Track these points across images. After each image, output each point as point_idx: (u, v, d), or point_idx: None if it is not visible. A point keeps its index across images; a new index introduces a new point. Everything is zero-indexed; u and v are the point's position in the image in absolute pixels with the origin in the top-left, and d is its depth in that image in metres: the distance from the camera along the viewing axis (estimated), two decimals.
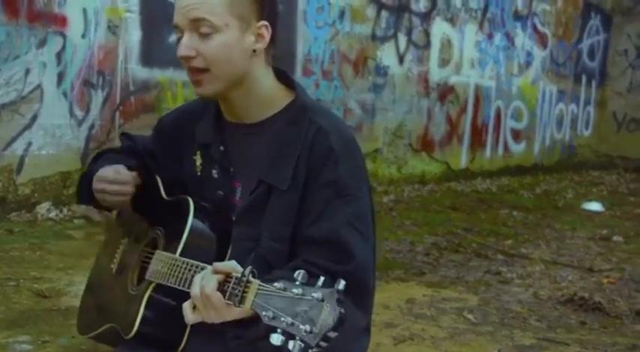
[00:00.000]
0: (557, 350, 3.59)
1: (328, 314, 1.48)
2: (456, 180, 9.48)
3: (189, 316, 1.76)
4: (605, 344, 3.71)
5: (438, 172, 9.36)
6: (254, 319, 1.61)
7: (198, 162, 2.08)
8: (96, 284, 2.46)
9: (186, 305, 1.76)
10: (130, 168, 2.13)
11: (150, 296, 2.03)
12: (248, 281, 1.61)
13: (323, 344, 1.48)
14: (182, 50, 1.89)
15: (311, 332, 1.48)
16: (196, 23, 1.88)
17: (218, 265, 1.72)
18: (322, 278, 1.53)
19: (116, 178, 2.06)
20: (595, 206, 8.37)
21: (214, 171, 2.05)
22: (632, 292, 4.71)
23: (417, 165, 9.09)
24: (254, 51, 1.93)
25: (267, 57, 1.98)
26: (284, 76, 2.04)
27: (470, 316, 4.01)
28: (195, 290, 1.72)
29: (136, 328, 2.02)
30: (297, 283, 1.53)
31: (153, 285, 2.02)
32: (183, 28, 1.90)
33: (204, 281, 1.72)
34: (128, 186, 2.08)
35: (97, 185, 2.10)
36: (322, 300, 1.49)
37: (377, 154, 8.56)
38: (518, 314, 4.11)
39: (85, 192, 2.16)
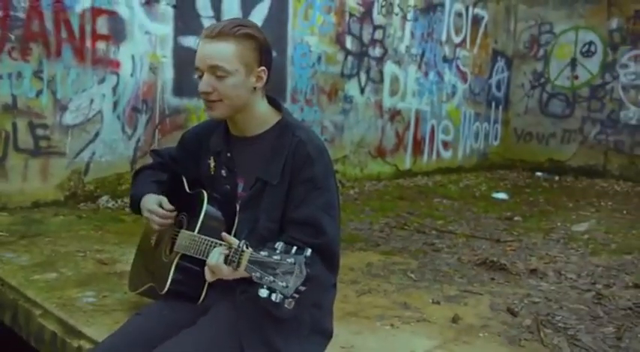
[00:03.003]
0: (474, 298, 3.60)
1: (299, 273, 1.50)
2: (403, 177, 9.48)
3: (209, 277, 1.77)
4: (508, 294, 3.72)
5: (390, 172, 9.35)
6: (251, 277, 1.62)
7: (212, 164, 2.09)
8: (140, 255, 2.46)
9: (207, 270, 1.77)
10: (162, 185, 2.20)
11: (177, 263, 2.03)
12: (242, 251, 1.63)
13: (296, 295, 1.51)
14: (203, 87, 1.90)
15: (287, 286, 1.50)
16: (214, 68, 1.88)
17: (225, 235, 1.74)
18: (295, 248, 1.54)
19: (165, 215, 2.11)
20: (502, 195, 8.40)
21: (223, 171, 2.05)
22: (527, 256, 4.73)
23: (375, 168, 9.08)
24: (254, 88, 1.93)
25: (264, 91, 1.98)
26: (274, 102, 2.04)
27: (412, 275, 4.02)
28: (210, 262, 1.73)
29: (168, 286, 2.03)
30: (277, 252, 1.54)
31: (179, 255, 2.03)
32: (203, 70, 1.90)
33: (212, 255, 1.73)
34: (165, 220, 2.12)
35: (147, 214, 2.12)
36: (294, 264, 1.51)
37: (345, 159, 8.54)
38: (447, 274, 4.12)
39: (135, 206, 2.20)
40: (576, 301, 3.62)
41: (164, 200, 2.11)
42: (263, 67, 1.91)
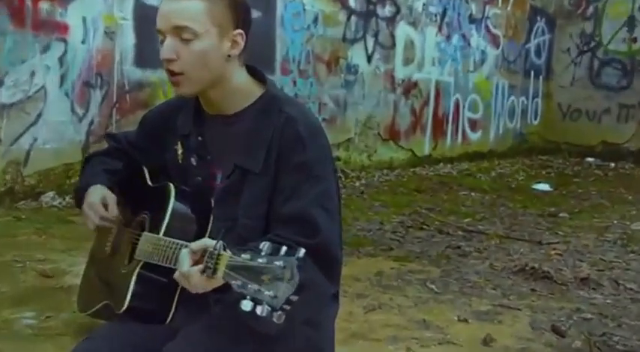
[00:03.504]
0: (510, 315, 3.59)
1: (290, 279, 1.49)
2: (421, 165, 9.48)
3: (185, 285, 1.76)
4: (553, 309, 3.71)
5: (404, 159, 9.35)
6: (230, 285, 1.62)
7: (180, 151, 2.09)
8: (93, 265, 2.46)
9: (178, 279, 1.77)
10: (116, 176, 2.21)
11: (138, 274, 2.02)
12: (219, 254, 1.61)
13: (286, 307, 1.49)
14: (165, 53, 1.89)
15: (275, 296, 1.48)
16: (178, 29, 1.87)
17: (193, 246, 1.72)
18: (284, 248, 1.53)
19: (104, 217, 2.13)
20: (543, 186, 8.41)
21: (193, 159, 2.06)
22: (576, 262, 4.72)
23: (385, 153, 9.08)
24: (229, 56, 1.92)
25: (241, 58, 1.98)
26: (256, 72, 2.03)
27: (432, 286, 4.01)
28: (181, 269, 1.72)
29: (127, 303, 2.01)
30: (263, 253, 1.53)
31: (141, 263, 2.02)
32: (165, 32, 1.88)
33: (181, 261, 1.72)
34: (106, 222, 2.13)
35: (85, 208, 2.14)
36: (284, 268, 1.49)
37: (349, 143, 8.54)
38: (476, 284, 4.11)
39: (80, 201, 2.20)
40: (638, 317, 3.61)
41: (109, 196, 2.12)
42: (240, 30, 1.89)
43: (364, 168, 8.62)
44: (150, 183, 2.19)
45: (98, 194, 2.14)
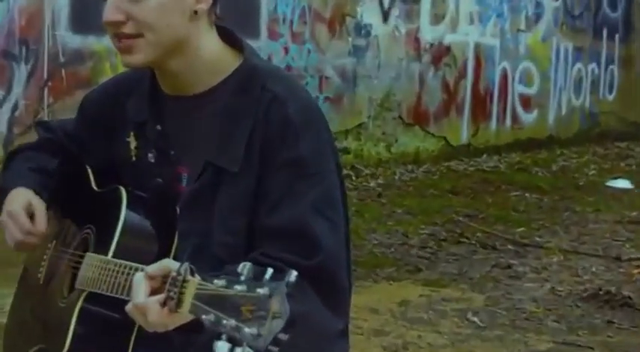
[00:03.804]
0: None
1: (278, 312, 1.49)
2: (457, 158, 9.48)
3: (141, 322, 1.76)
4: (637, 347, 3.71)
5: (435, 150, 9.36)
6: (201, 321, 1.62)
7: (133, 145, 2.08)
8: (22, 298, 2.46)
9: (131, 312, 1.77)
10: (48, 177, 2.18)
11: (81, 308, 2.03)
12: (185, 281, 1.61)
13: (273, 348, 1.49)
14: (109, 14, 1.89)
15: (259, 335, 1.48)
16: None
17: (150, 269, 1.72)
18: (270, 271, 1.52)
19: (22, 225, 2.11)
20: (622, 183, 8.40)
21: (150, 155, 2.05)
22: None
23: (410, 142, 9.08)
24: (195, 12, 1.92)
25: (211, 17, 1.98)
26: (230, 35, 2.03)
27: (475, 319, 4.02)
28: (135, 300, 1.72)
29: (67, 346, 2.02)
30: (243, 278, 1.53)
31: (84, 294, 2.02)
32: None
33: (135, 290, 1.71)
34: (31, 238, 2.12)
35: (4, 218, 2.13)
36: (270, 296, 1.49)
37: (361, 130, 8.54)
38: (533, 315, 4.11)
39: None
40: None
41: (36, 203, 2.11)
42: None
43: (382, 163, 8.63)
44: (95, 186, 2.20)
45: (21, 200, 2.14)
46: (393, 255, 5.23)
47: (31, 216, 2.12)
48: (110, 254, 1.97)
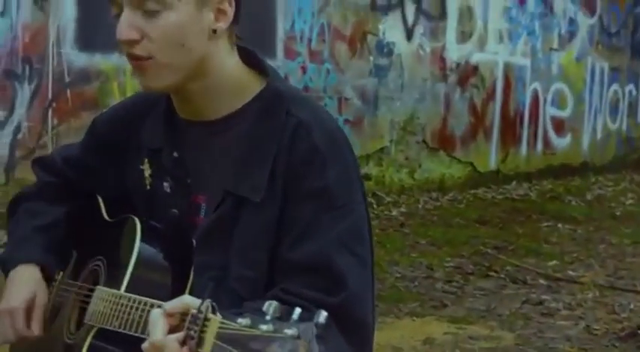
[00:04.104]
0: None
1: None
2: (484, 185, 9.47)
3: None
4: None
5: (461, 176, 9.35)
6: None
7: (147, 172, 2.08)
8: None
9: None
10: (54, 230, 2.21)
11: (91, 345, 2.03)
12: (206, 319, 1.61)
13: None
14: (123, 32, 1.88)
15: None
16: None
17: (168, 306, 1.72)
18: (298, 310, 1.53)
19: (21, 334, 2.14)
20: None
21: (166, 184, 2.05)
22: None
23: (434, 168, 9.08)
24: (214, 31, 1.93)
25: (231, 37, 1.98)
26: (253, 58, 2.04)
27: None
28: (152, 337, 1.72)
29: None
30: (268, 317, 1.53)
31: (94, 330, 2.02)
32: (121, 3, 1.90)
33: (152, 327, 1.71)
34: (30, 333, 2.14)
35: (3, 313, 2.14)
36: (298, 338, 1.50)
37: (383, 155, 8.54)
38: None
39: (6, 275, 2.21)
40: None
41: (39, 301, 2.11)
42: None
43: (404, 190, 8.63)
44: (106, 216, 2.20)
45: (25, 292, 2.15)
46: (416, 289, 5.23)
47: (29, 313, 2.14)
48: (123, 288, 1.96)
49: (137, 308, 1.86)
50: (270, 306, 1.55)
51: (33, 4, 5.99)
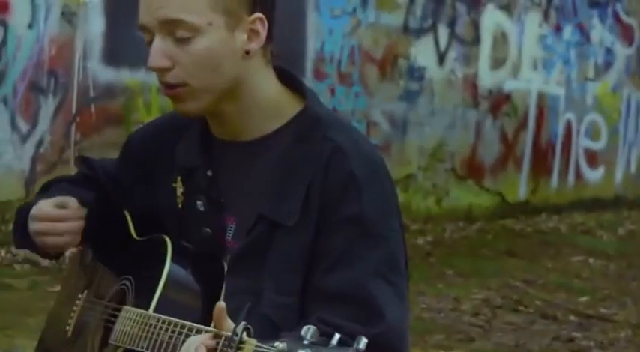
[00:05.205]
0: None
1: None
2: (514, 216, 9.44)
3: None
4: None
5: (490, 206, 9.33)
6: None
7: (179, 191, 2.08)
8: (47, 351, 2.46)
9: None
10: (83, 205, 2.13)
11: None
12: (241, 342, 1.62)
13: None
14: (154, 60, 1.89)
15: None
16: (170, 25, 1.88)
17: (204, 331, 1.72)
18: (337, 336, 1.53)
19: (59, 215, 2.08)
20: None
21: (199, 203, 2.05)
22: None
23: (463, 197, 9.07)
24: (247, 52, 1.94)
25: (266, 56, 1.99)
26: (290, 79, 2.04)
27: None
28: None
29: None
30: (306, 342, 1.53)
31: (120, 351, 2.03)
32: (152, 30, 1.91)
33: (187, 347, 1.72)
34: (75, 222, 2.10)
35: (33, 225, 2.10)
36: None
37: (410, 182, 8.55)
38: None
39: (23, 233, 2.16)
40: None
41: (69, 199, 2.09)
42: (259, 14, 1.91)
43: (431, 219, 8.62)
44: (134, 234, 2.21)
45: (50, 203, 2.13)
46: (442, 320, 5.21)
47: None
48: (152, 308, 1.96)
49: (167, 330, 1.87)
50: (309, 331, 1.55)
51: (61, 17, 6.03)
